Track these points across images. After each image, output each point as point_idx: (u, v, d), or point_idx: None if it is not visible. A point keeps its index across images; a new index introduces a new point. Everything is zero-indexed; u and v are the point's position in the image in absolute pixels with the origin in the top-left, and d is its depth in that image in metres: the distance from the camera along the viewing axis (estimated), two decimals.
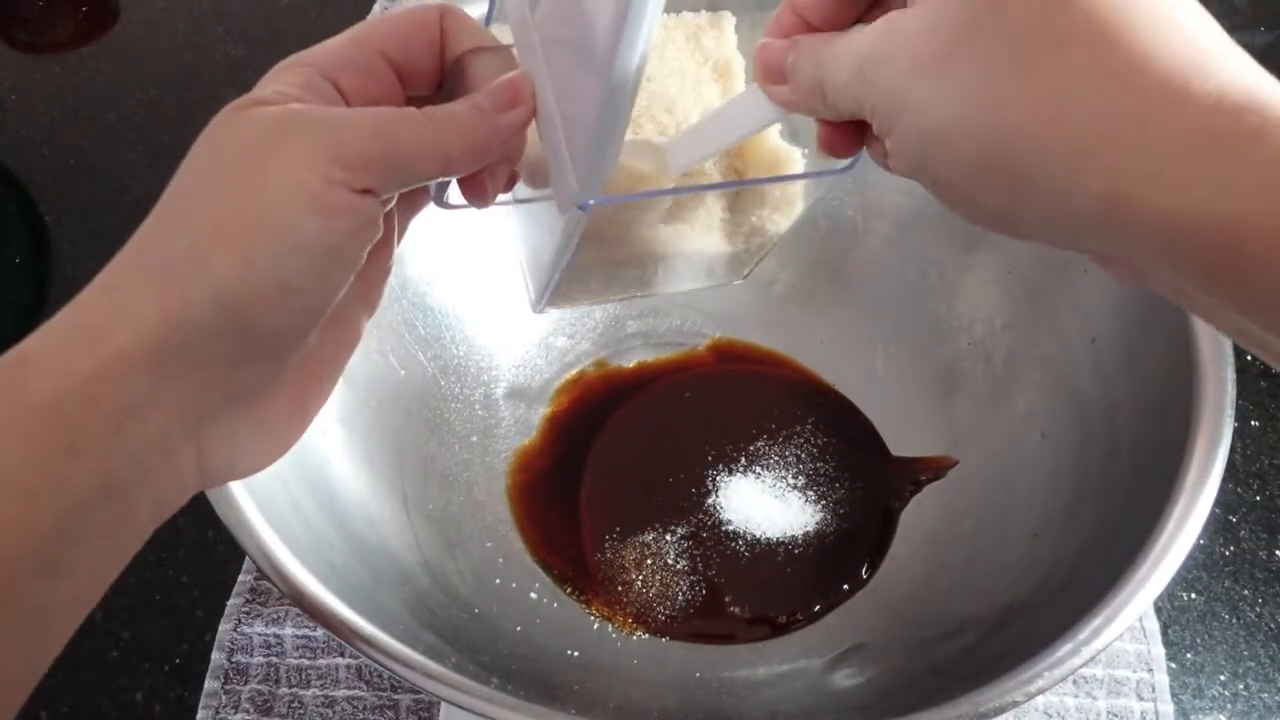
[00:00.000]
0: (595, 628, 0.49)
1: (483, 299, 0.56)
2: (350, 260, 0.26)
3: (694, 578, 0.50)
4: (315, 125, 0.25)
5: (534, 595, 0.50)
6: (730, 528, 0.52)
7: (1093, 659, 0.36)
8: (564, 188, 0.27)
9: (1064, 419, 0.49)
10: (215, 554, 0.53)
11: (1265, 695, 0.50)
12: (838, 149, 0.28)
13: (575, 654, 0.48)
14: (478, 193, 0.29)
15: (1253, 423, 0.58)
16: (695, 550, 0.51)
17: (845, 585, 0.51)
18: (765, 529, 0.52)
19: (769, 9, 0.31)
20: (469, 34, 0.29)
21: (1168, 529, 0.38)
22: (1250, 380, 0.59)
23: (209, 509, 0.38)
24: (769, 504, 0.53)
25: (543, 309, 0.33)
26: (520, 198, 0.32)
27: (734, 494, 0.53)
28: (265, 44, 0.77)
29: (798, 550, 0.51)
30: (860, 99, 0.25)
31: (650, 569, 0.51)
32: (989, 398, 0.54)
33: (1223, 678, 0.50)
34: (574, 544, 0.52)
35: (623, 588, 0.50)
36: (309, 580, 0.37)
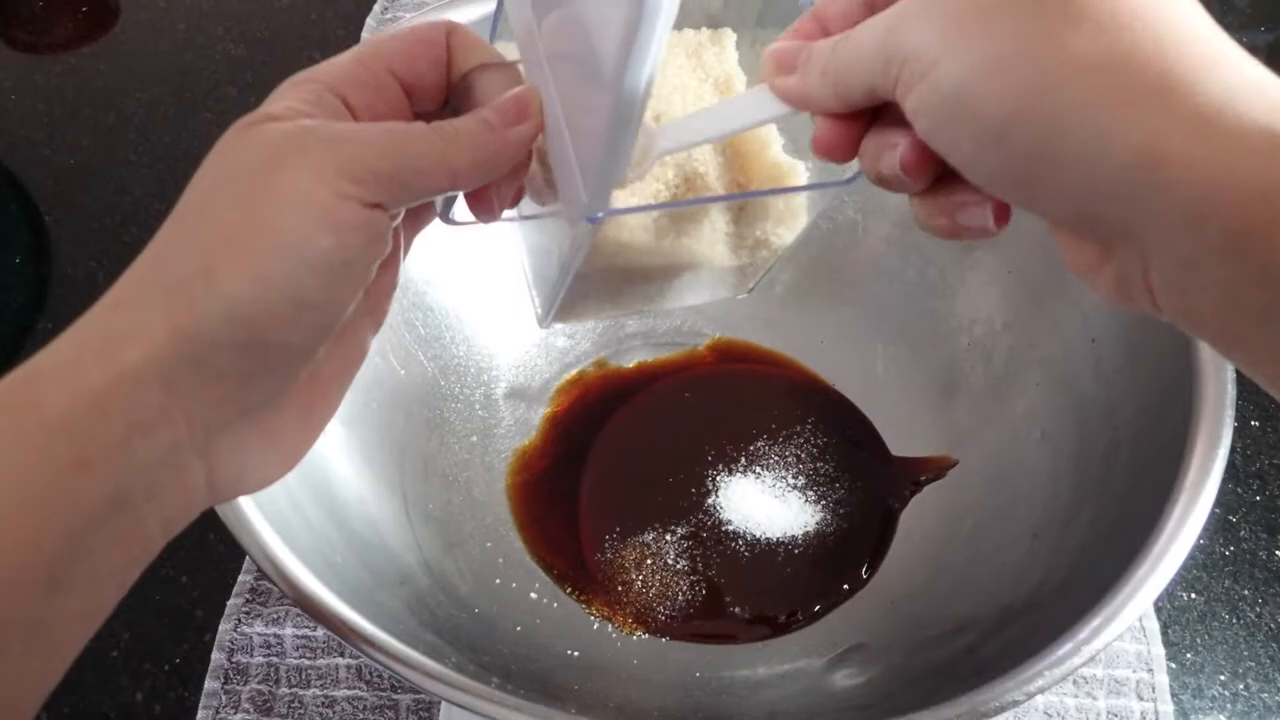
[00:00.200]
0: (595, 628, 0.49)
1: (483, 299, 0.56)
2: (361, 275, 0.26)
3: (694, 578, 0.50)
4: (326, 140, 0.25)
5: (534, 595, 0.50)
6: (730, 528, 0.52)
7: (1093, 659, 0.36)
8: (573, 201, 0.27)
9: (1064, 419, 0.49)
10: (215, 554, 0.53)
11: (1265, 695, 0.50)
12: (834, 148, 0.28)
13: (575, 654, 0.48)
14: (485, 208, 0.29)
15: (1253, 423, 0.58)
16: (695, 550, 0.51)
17: (845, 585, 0.51)
18: (765, 529, 0.52)
19: (769, 26, 0.31)
20: (475, 51, 0.29)
21: (1168, 529, 0.38)
22: (1250, 380, 0.59)
23: (209, 509, 0.38)
24: (769, 504, 0.53)
25: (549, 324, 0.33)
26: (526, 214, 0.32)
27: (734, 494, 0.53)
28: (265, 44, 0.77)
29: (798, 550, 0.51)
30: (888, 59, 0.25)
31: (650, 569, 0.51)
32: (989, 398, 0.54)
33: (1223, 678, 0.50)
34: (574, 544, 0.52)
35: (623, 588, 0.50)
36: (309, 580, 0.37)
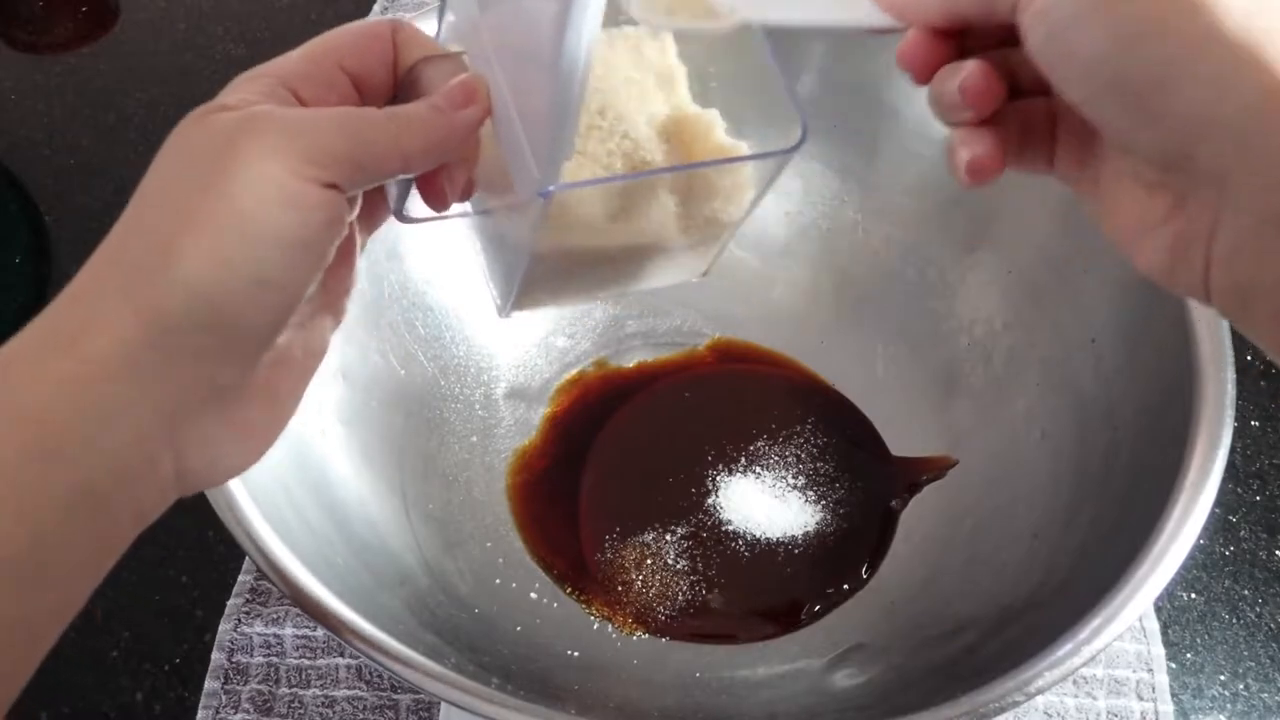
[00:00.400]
0: (595, 628, 0.49)
1: (483, 299, 0.56)
2: (320, 255, 0.27)
3: (694, 578, 0.50)
4: (282, 123, 0.26)
5: (534, 595, 0.50)
6: (730, 528, 0.52)
7: (1093, 659, 0.36)
8: (525, 180, 0.27)
9: (1064, 419, 0.49)
10: (215, 554, 0.53)
11: (1265, 695, 0.50)
12: (918, 65, 0.28)
13: (575, 654, 0.48)
14: (438, 197, 0.30)
15: (1253, 423, 0.58)
16: (695, 550, 0.51)
17: (845, 585, 0.51)
18: (765, 529, 0.52)
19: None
20: (420, 45, 0.30)
21: (1168, 529, 0.38)
22: (1250, 380, 0.59)
23: (209, 509, 0.38)
24: (769, 504, 0.53)
25: (509, 313, 0.34)
26: (478, 209, 0.33)
27: (734, 494, 0.53)
28: (265, 44, 0.77)
29: (798, 550, 0.51)
30: None
31: (650, 569, 0.51)
32: (989, 398, 0.54)
33: (1223, 678, 0.50)
34: (574, 544, 0.52)
35: (623, 588, 0.50)
36: (309, 580, 0.37)
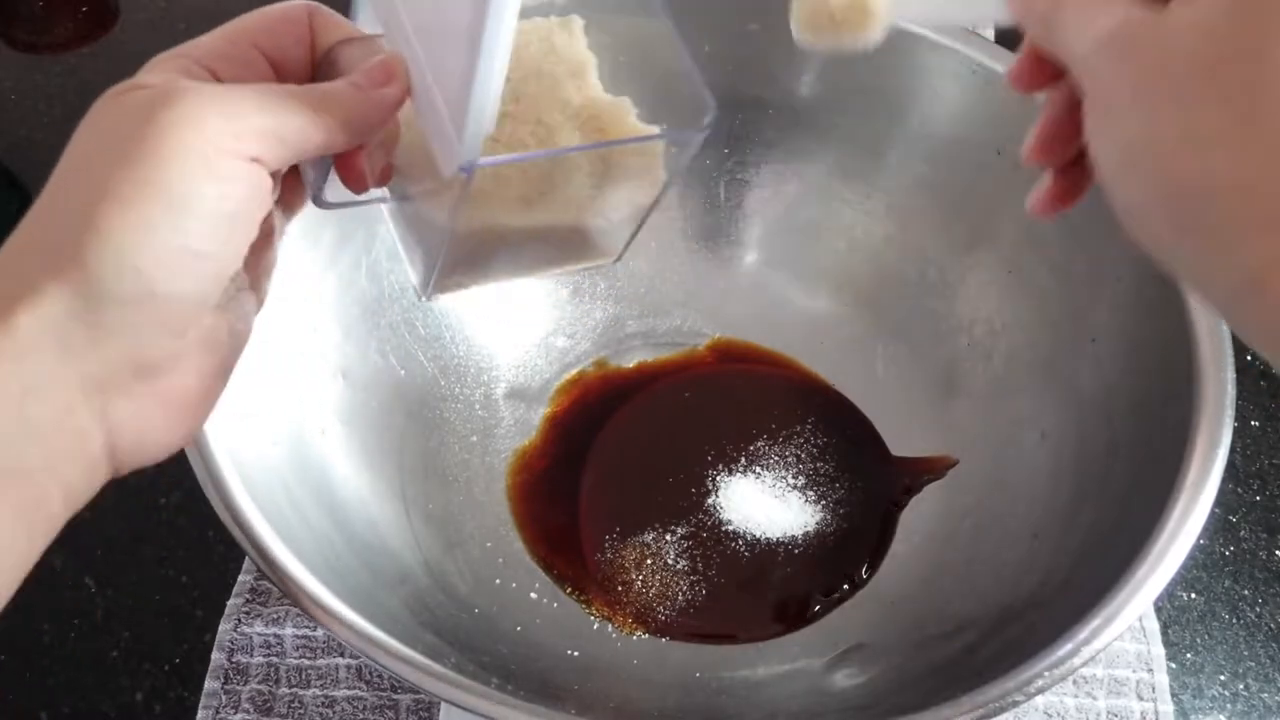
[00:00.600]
0: (595, 628, 0.49)
1: (483, 299, 0.56)
2: (245, 227, 0.27)
3: (694, 578, 0.50)
4: (201, 96, 0.26)
5: (534, 595, 0.50)
6: (730, 528, 0.52)
7: (1093, 659, 0.36)
8: (447, 157, 0.27)
9: (1064, 419, 0.49)
10: (215, 554, 0.53)
11: (1265, 695, 0.50)
12: (1026, 81, 0.28)
13: (575, 654, 0.48)
14: (356, 180, 0.30)
15: (1253, 423, 0.58)
16: (695, 550, 0.51)
17: (845, 585, 0.51)
18: (765, 529, 0.52)
19: (611, 11, 0.33)
20: (337, 28, 0.30)
21: (1168, 529, 0.38)
22: (1250, 380, 0.59)
23: (209, 509, 0.38)
24: (769, 504, 0.53)
25: (430, 295, 0.34)
26: (396, 194, 0.33)
27: (734, 494, 0.53)
28: None
29: (798, 550, 0.51)
30: (1078, 75, 0.24)
31: (650, 569, 0.51)
32: (989, 398, 0.54)
33: (1223, 678, 0.50)
34: (574, 544, 0.52)
35: (623, 588, 0.50)
36: (309, 580, 0.37)
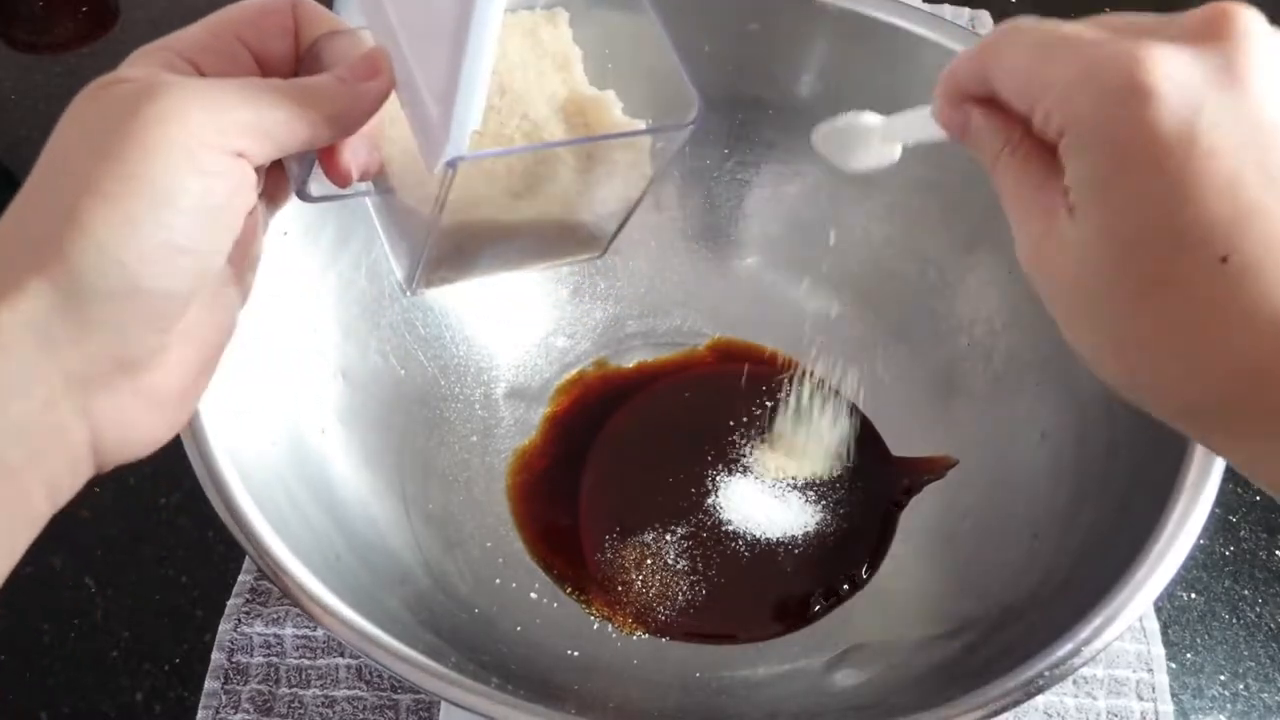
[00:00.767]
0: (595, 628, 0.49)
1: (483, 299, 0.56)
2: (230, 222, 0.26)
3: (694, 578, 0.50)
4: (184, 90, 0.25)
5: (534, 595, 0.50)
6: (730, 528, 0.52)
7: (1093, 659, 0.36)
8: (432, 150, 0.27)
9: (1064, 419, 0.49)
10: (215, 554, 0.53)
11: (1265, 695, 0.50)
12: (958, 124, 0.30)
13: (575, 654, 0.48)
14: (340, 174, 0.30)
15: None
16: (695, 550, 0.51)
17: (845, 585, 0.51)
18: (765, 529, 0.52)
19: (600, 6, 0.32)
20: (321, 21, 0.30)
21: (1168, 529, 0.38)
22: None
23: (209, 509, 0.38)
24: (769, 504, 0.53)
25: (414, 289, 0.34)
26: (380, 188, 0.33)
27: (734, 494, 0.53)
28: None
29: (798, 550, 0.51)
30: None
31: (650, 569, 0.51)
32: (989, 398, 0.54)
33: (1223, 678, 0.50)
34: (574, 544, 0.52)
35: (623, 588, 0.50)
36: (309, 580, 0.37)
